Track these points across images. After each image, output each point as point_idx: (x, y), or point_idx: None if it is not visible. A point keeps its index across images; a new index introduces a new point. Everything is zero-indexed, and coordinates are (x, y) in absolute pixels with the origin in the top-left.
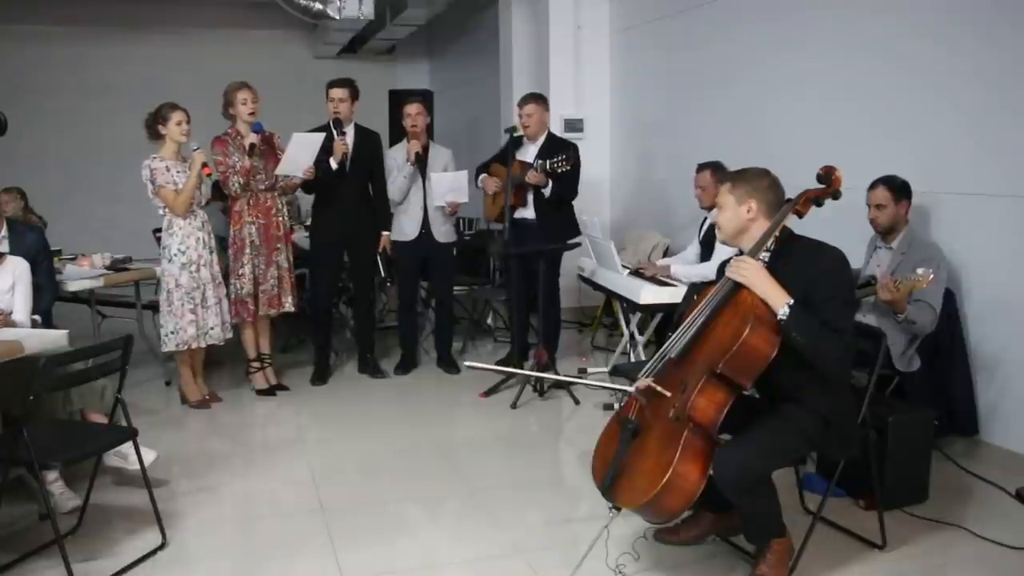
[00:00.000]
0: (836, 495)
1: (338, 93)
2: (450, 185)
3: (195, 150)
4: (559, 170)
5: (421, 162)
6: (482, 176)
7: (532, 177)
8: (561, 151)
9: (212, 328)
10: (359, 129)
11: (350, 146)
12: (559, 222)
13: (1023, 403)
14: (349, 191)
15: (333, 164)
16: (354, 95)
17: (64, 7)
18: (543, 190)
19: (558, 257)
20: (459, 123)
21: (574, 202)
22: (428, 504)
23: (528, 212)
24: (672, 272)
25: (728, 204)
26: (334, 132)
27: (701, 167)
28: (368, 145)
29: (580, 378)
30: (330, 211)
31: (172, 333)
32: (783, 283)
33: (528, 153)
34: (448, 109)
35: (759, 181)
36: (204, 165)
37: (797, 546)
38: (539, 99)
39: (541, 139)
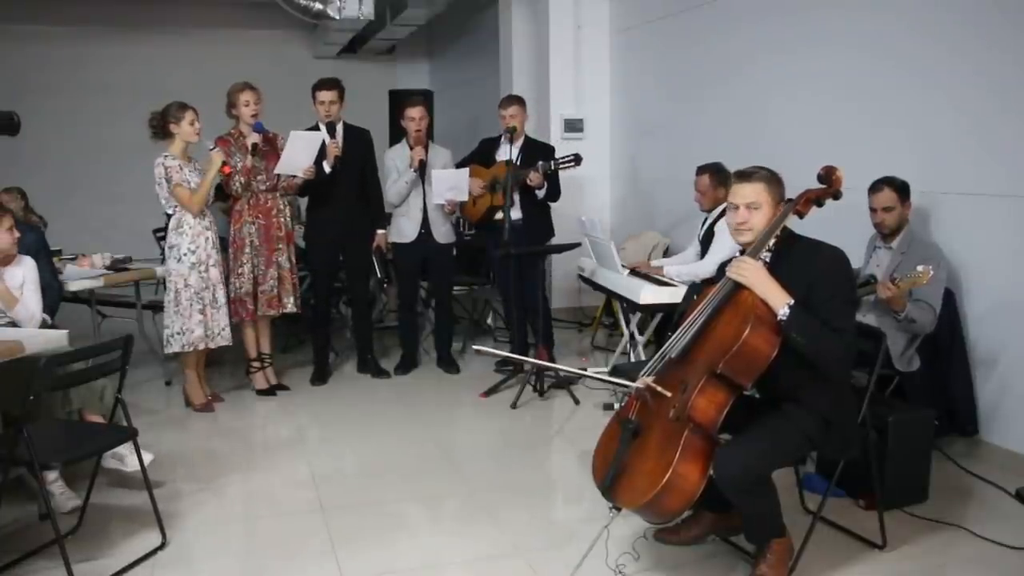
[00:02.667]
0: (836, 495)
1: (328, 96)
2: (450, 183)
3: (212, 150)
4: (563, 168)
5: (422, 167)
6: None
7: (535, 178)
8: (543, 152)
9: (223, 329)
10: (348, 128)
11: (340, 146)
12: (542, 222)
13: (1023, 403)
14: (343, 191)
15: (326, 167)
16: (342, 95)
17: (64, 7)
18: (538, 191)
19: (540, 257)
20: (459, 123)
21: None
22: (428, 504)
23: (514, 213)
24: (665, 272)
25: (767, 203)
26: (326, 134)
27: (700, 170)
28: (359, 144)
29: (583, 371)
30: (325, 211)
31: (179, 334)
32: (784, 283)
33: (508, 154)
34: (448, 109)
35: (777, 178)
36: (224, 164)
37: (797, 546)
38: (521, 101)
39: (519, 141)
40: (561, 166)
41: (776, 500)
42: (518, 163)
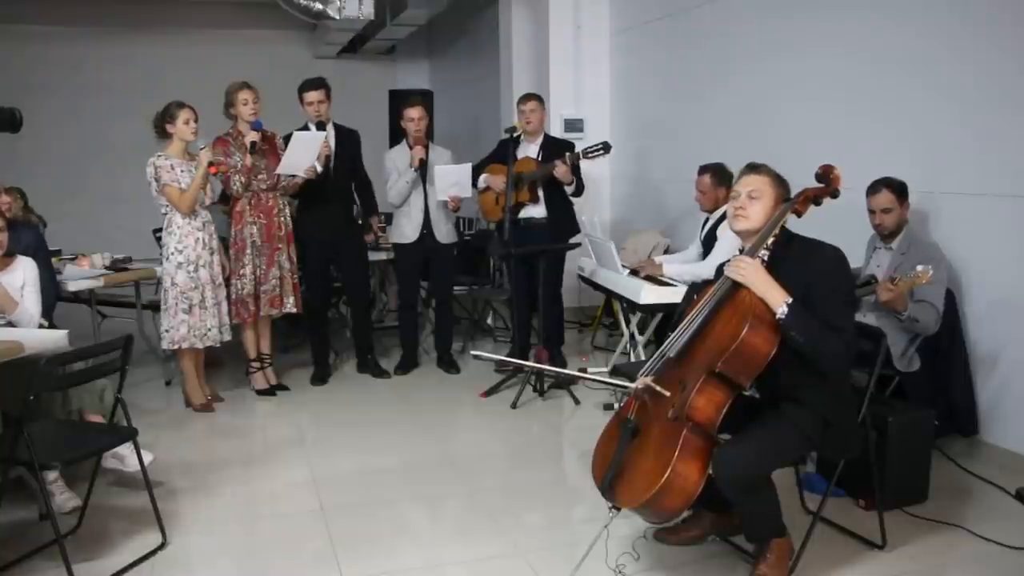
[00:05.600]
0: (836, 495)
1: (316, 96)
2: (454, 178)
3: (201, 149)
4: (592, 157)
5: (423, 167)
6: (484, 176)
7: (562, 171)
8: (564, 149)
9: (210, 329)
10: (338, 128)
11: (332, 146)
12: (567, 219)
13: (1023, 403)
14: (334, 192)
15: (318, 167)
16: (328, 94)
17: (64, 7)
18: (567, 187)
19: (561, 256)
20: (459, 123)
21: (574, 201)
22: (428, 504)
23: (536, 210)
24: (664, 271)
25: (768, 197)
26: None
27: (702, 170)
28: (349, 143)
29: (583, 372)
30: (316, 212)
31: (166, 331)
32: (782, 282)
33: (528, 151)
34: (448, 109)
35: (784, 181)
36: (211, 164)
37: (797, 546)
38: (539, 98)
39: (539, 138)
40: (590, 155)
41: (776, 500)
42: (539, 160)
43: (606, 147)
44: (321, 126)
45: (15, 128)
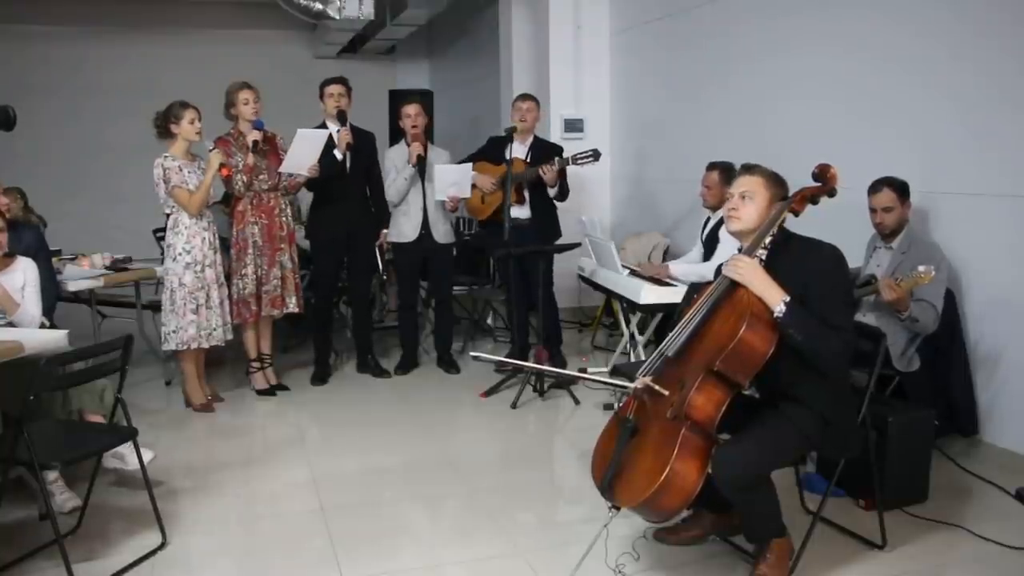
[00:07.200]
0: (836, 495)
1: (337, 89)
2: (453, 178)
3: (211, 151)
4: (581, 164)
5: (421, 164)
6: (473, 174)
7: (549, 174)
8: (553, 152)
9: (215, 329)
10: (353, 129)
11: (351, 139)
12: (550, 222)
13: (1022, 403)
14: (348, 190)
15: (338, 155)
16: (349, 91)
17: (64, 7)
18: (550, 189)
19: (550, 257)
20: (459, 123)
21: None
22: (428, 504)
23: (520, 212)
24: (671, 271)
25: (761, 197)
26: (336, 124)
27: (711, 166)
28: (364, 144)
29: (582, 372)
30: (329, 210)
31: (173, 332)
32: (780, 281)
33: (517, 152)
34: (448, 109)
35: (780, 181)
36: (223, 166)
37: (797, 546)
38: (536, 100)
39: (529, 139)
40: (579, 161)
41: (776, 500)
42: (528, 161)
43: (596, 155)
44: (343, 117)
45: (9, 126)
